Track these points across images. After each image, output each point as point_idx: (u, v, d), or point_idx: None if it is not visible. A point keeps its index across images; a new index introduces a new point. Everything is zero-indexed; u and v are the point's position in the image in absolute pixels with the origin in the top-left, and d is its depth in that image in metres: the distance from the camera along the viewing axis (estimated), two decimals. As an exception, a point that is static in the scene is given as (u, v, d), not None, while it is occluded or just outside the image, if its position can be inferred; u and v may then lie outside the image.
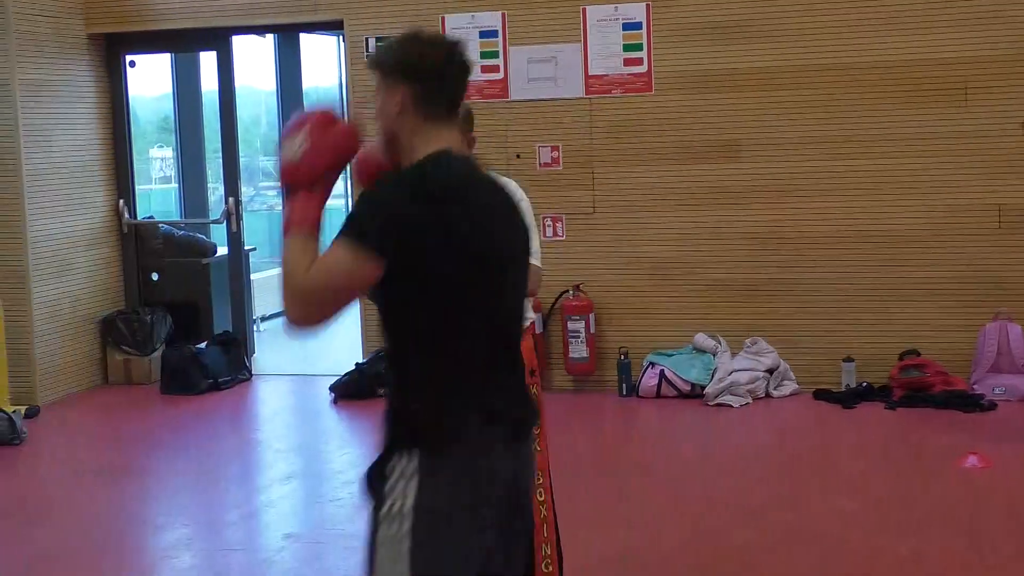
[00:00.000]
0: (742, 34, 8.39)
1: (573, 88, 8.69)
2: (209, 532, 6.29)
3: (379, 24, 8.94)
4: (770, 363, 8.31)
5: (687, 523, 5.93)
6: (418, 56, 2.98)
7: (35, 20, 8.94)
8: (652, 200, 8.61)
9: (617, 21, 8.57)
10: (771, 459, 7.14)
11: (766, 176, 8.44)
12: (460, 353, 2.82)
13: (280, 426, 8.67)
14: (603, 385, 8.70)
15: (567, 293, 8.67)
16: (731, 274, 8.53)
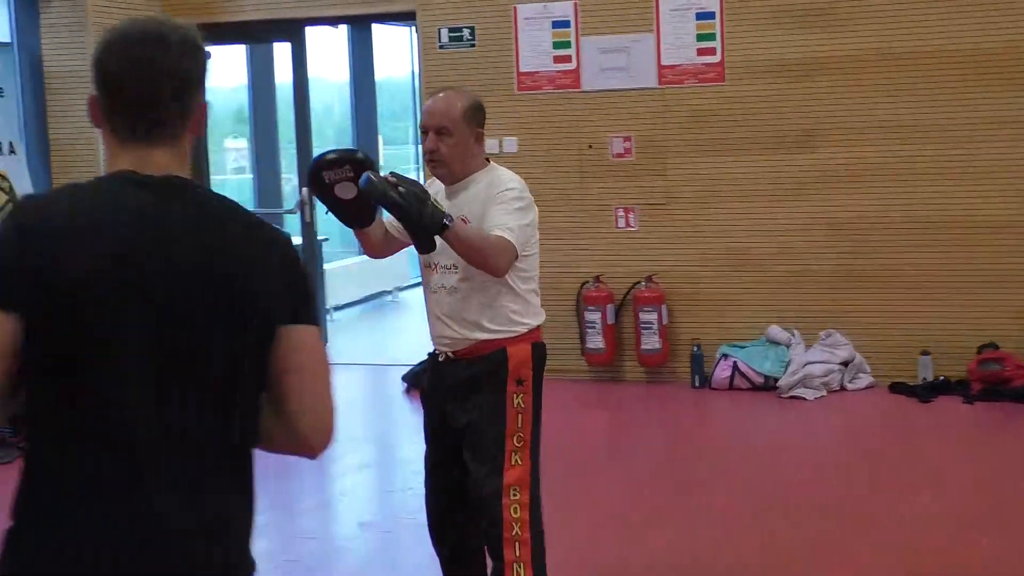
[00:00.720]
0: (817, 22, 8.30)
1: (646, 78, 8.64)
2: (284, 520, 6.34)
3: (452, 14, 8.95)
4: (845, 355, 8.23)
5: (761, 518, 5.89)
6: (96, 56, 2.26)
7: (112, 12, 9.04)
8: (726, 190, 8.55)
9: (690, 10, 8.52)
10: (846, 453, 7.06)
11: (842, 165, 8.34)
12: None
13: (353, 415, 8.71)
14: (675, 377, 8.66)
15: (639, 284, 8.63)
16: (806, 265, 8.45)
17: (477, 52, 8.94)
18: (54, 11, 8.85)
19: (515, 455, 4.01)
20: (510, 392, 4.02)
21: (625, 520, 5.94)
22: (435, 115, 4.05)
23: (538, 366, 4.11)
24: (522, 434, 4.02)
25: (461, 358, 4.09)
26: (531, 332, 4.12)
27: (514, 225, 3.94)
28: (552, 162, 8.82)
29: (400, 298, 12.82)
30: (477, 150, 4.11)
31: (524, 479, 4.02)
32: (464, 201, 4.06)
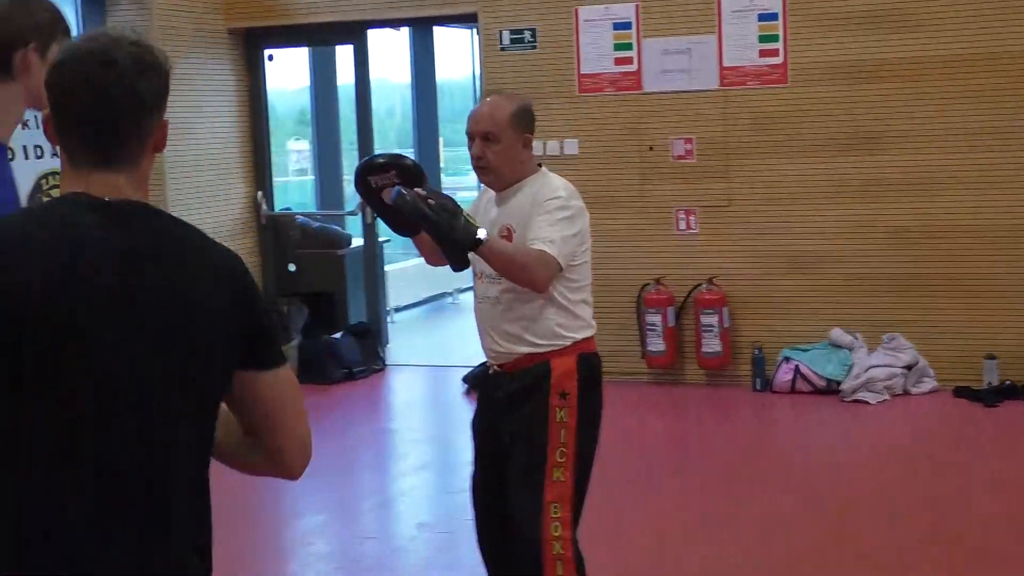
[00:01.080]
0: (882, 24, 8.22)
1: (707, 80, 8.60)
2: (344, 520, 6.37)
3: (513, 16, 8.96)
4: (908, 359, 8.14)
5: (823, 523, 5.84)
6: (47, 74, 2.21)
7: (177, 16, 9.14)
8: (788, 193, 8.49)
9: (753, 12, 8.46)
10: (910, 458, 6.99)
11: (906, 169, 8.26)
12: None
13: (413, 416, 8.74)
14: (736, 380, 8.61)
15: (700, 286, 8.59)
16: (869, 268, 8.37)
17: (538, 54, 8.94)
18: (120, 14, 8.95)
19: (557, 471, 3.88)
20: (553, 406, 3.89)
21: (688, 523, 5.92)
22: (481, 121, 3.96)
23: (586, 379, 3.95)
24: (565, 449, 3.88)
25: (506, 371, 4.01)
26: (578, 344, 3.97)
27: (557, 237, 3.81)
28: (613, 164, 8.80)
29: (460, 300, 12.84)
30: (525, 155, 4.00)
31: (566, 495, 3.88)
32: (513, 208, 3.97)
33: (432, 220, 3.65)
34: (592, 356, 4.01)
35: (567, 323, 3.94)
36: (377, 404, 9.07)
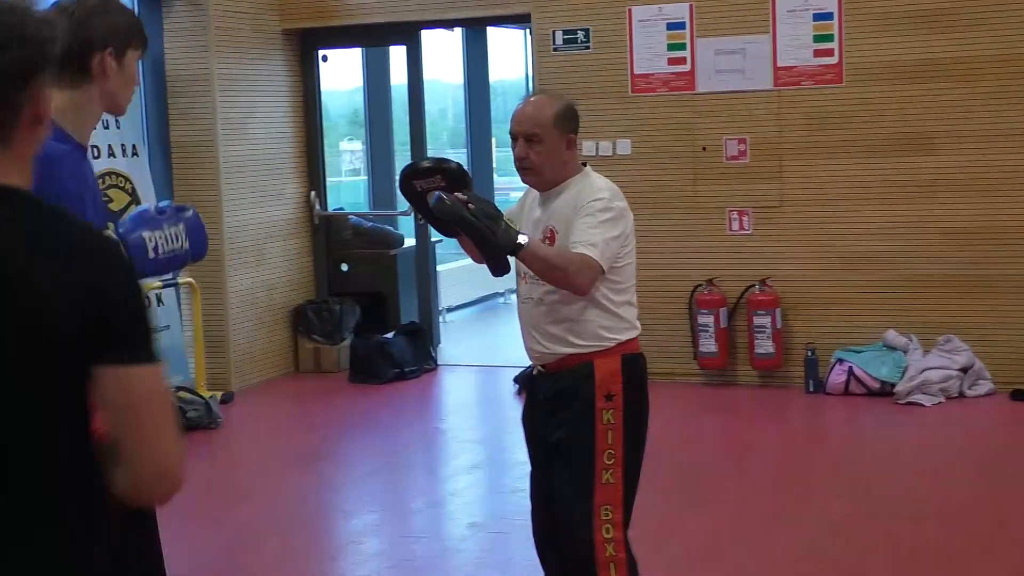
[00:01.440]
0: (939, 24, 8.15)
1: (761, 80, 8.56)
2: (395, 519, 6.39)
3: (566, 16, 8.95)
4: (964, 361, 8.06)
5: (880, 525, 5.80)
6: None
7: (233, 17, 9.20)
8: (842, 193, 8.43)
9: (808, 11, 8.41)
10: (966, 461, 6.93)
11: (962, 169, 8.18)
12: None
13: (464, 416, 8.76)
14: (789, 381, 8.56)
15: (753, 287, 8.55)
16: (924, 269, 8.30)
17: (591, 54, 8.93)
18: (177, 15, 9.03)
19: (606, 473, 3.84)
20: (599, 408, 3.85)
21: (742, 525, 5.89)
22: (524, 121, 3.92)
23: (631, 380, 3.90)
24: (613, 451, 3.84)
25: (550, 372, 3.97)
26: (622, 345, 3.91)
27: (598, 239, 3.76)
28: (666, 164, 8.78)
29: (512, 300, 12.84)
30: (569, 156, 3.95)
31: (616, 498, 3.85)
32: (556, 209, 3.93)
33: (472, 225, 3.64)
34: (637, 357, 3.96)
35: (611, 324, 3.90)
36: (428, 404, 9.09)
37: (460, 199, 3.69)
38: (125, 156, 8.55)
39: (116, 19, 2.98)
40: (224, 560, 5.73)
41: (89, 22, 2.94)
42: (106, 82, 2.96)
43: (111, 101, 3.01)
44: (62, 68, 2.70)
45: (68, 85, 2.91)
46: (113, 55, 2.95)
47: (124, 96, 3.04)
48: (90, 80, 2.95)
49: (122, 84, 3.01)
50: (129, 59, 3.00)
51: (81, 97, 2.95)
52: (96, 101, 2.99)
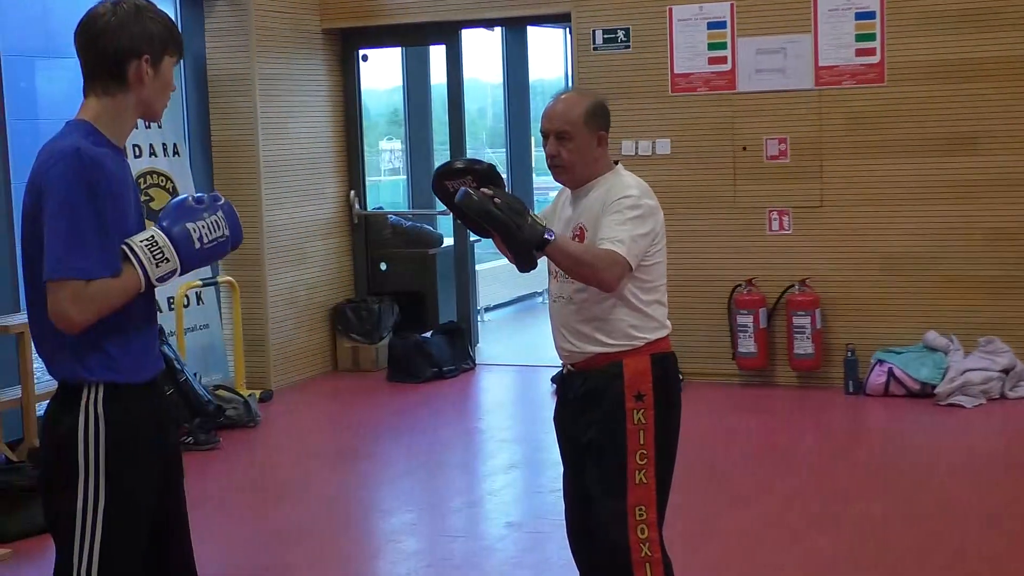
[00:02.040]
0: (981, 22, 8.09)
1: (802, 79, 8.52)
2: (433, 518, 6.41)
3: (607, 15, 8.94)
4: (1006, 363, 8.00)
5: (920, 526, 5.76)
6: None
7: (274, 17, 9.24)
8: (883, 193, 8.38)
9: (850, 10, 8.37)
10: (1008, 463, 6.87)
11: (1004, 169, 8.12)
12: None
13: (502, 416, 8.76)
14: (829, 382, 8.52)
15: (793, 288, 8.51)
16: (965, 270, 8.24)
17: (631, 53, 8.91)
18: (218, 15, 9.08)
19: (639, 473, 3.83)
20: (629, 408, 3.83)
21: (783, 525, 5.87)
22: (554, 119, 3.91)
23: (661, 379, 3.89)
24: (645, 451, 3.83)
25: (579, 371, 3.96)
26: (651, 344, 3.89)
27: (625, 236, 3.74)
28: (705, 164, 8.75)
29: (551, 299, 12.84)
30: (599, 153, 3.93)
31: (649, 498, 3.83)
32: (586, 206, 3.91)
33: (498, 219, 3.63)
34: (667, 356, 3.94)
35: (640, 323, 3.88)
36: (466, 403, 9.11)
37: (486, 194, 3.69)
38: (167, 155, 8.61)
39: (151, 27, 3.03)
40: (264, 558, 5.76)
41: (124, 30, 3.01)
42: (142, 89, 3.05)
43: (147, 107, 3.09)
44: (98, 76, 3.00)
45: (104, 92, 3.03)
46: (149, 62, 3.03)
47: (160, 102, 3.11)
48: (127, 87, 3.04)
49: (158, 91, 3.09)
50: (165, 66, 3.08)
51: (118, 104, 3.05)
52: (132, 107, 3.07)
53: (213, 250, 3.12)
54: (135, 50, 3.01)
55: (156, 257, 2.99)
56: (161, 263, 3.00)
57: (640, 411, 3.84)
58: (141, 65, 3.03)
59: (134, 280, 2.97)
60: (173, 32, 3.11)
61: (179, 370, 7.71)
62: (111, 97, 3.04)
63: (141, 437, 3.08)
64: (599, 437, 3.89)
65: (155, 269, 3.00)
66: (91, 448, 3.00)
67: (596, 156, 3.94)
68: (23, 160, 14.12)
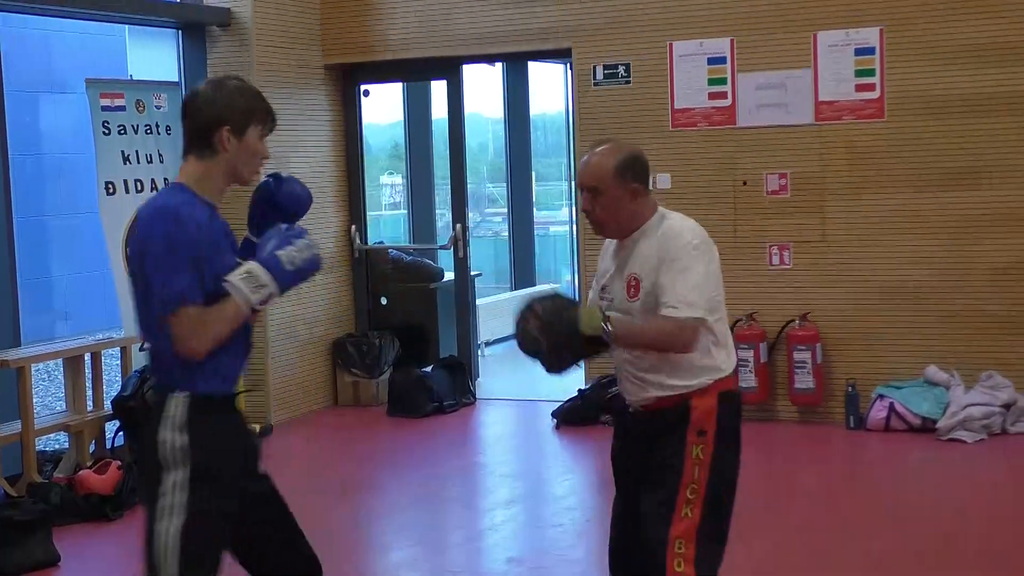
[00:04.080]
0: (979, 58, 8.12)
1: (803, 114, 8.55)
2: (434, 553, 6.38)
3: (607, 51, 8.98)
4: (1007, 398, 7.99)
5: (921, 563, 5.74)
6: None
7: (276, 52, 9.28)
8: (883, 228, 8.39)
9: (849, 46, 8.40)
10: (1011, 499, 6.85)
11: (1003, 205, 8.13)
12: None
13: (503, 450, 8.75)
14: (829, 417, 8.50)
15: (793, 322, 8.51)
16: (966, 305, 8.24)
17: (632, 89, 8.95)
18: (220, 50, 9.12)
19: (686, 507, 3.80)
20: (690, 443, 3.82)
21: (784, 563, 5.85)
22: (585, 174, 3.91)
23: (725, 417, 3.88)
24: (696, 486, 3.81)
25: (647, 411, 3.92)
26: (717, 383, 3.87)
27: (684, 293, 3.71)
28: (706, 199, 8.76)
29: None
30: (637, 206, 3.90)
31: (691, 533, 3.80)
32: (636, 256, 3.88)
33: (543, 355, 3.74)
34: (732, 394, 3.92)
35: (706, 363, 3.85)
36: (467, 438, 9.09)
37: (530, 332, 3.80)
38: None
39: (237, 101, 3.51)
40: (262, 593, 5.73)
41: (212, 104, 3.50)
42: (227, 156, 3.51)
43: (234, 172, 3.56)
44: (193, 143, 3.51)
45: (198, 158, 3.52)
46: (231, 132, 3.49)
47: (246, 168, 3.58)
48: (215, 154, 3.50)
49: (244, 157, 3.54)
50: (250, 135, 3.53)
51: (209, 168, 3.52)
52: (222, 172, 3.55)
53: (304, 269, 3.54)
54: (218, 121, 3.48)
55: (252, 285, 3.44)
56: (258, 289, 3.45)
57: (700, 447, 3.83)
58: (222, 134, 3.48)
59: (234, 307, 3.43)
60: (258, 104, 3.55)
61: (179, 404, 7.70)
62: (202, 162, 3.51)
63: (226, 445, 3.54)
64: (656, 468, 3.87)
65: (253, 296, 3.44)
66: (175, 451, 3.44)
67: (633, 210, 3.91)
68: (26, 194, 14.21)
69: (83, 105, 8.59)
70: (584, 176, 3.91)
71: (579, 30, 9.08)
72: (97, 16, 9.10)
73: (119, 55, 14.53)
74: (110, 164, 8.27)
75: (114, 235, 8.23)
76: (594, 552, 6.41)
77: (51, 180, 15.52)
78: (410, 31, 9.61)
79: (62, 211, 15.49)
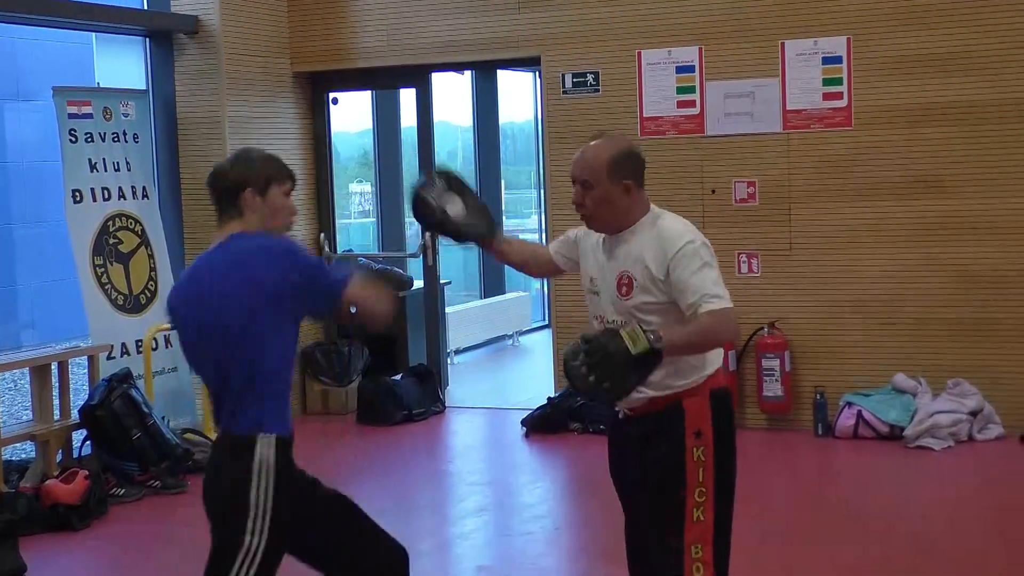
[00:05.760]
0: (946, 67, 8.17)
1: (770, 123, 8.58)
2: (403, 562, 6.35)
3: (576, 59, 8.99)
4: (974, 405, 8.04)
5: (889, 570, 5.76)
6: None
7: (244, 60, 9.26)
8: (851, 236, 8.43)
9: (817, 55, 8.45)
10: (978, 506, 6.89)
11: (970, 212, 8.19)
12: None
13: (472, 459, 8.74)
14: (798, 425, 8.53)
15: (762, 331, 8.54)
16: (933, 313, 8.29)
17: (601, 97, 8.97)
18: (188, 58, 9.09)
19: (696, 511, 3.77)
20: (689, 446, 3.78)
21: (752, 571, 5.85)
22: (578, 167, 3.87)
23: (719, 415, 3.86)
24: (703, 488, 3.77)
25: (637, 415, 3.88)
26: (708, 380, 3.88)
27: (710, 287, 3.80)
28: (674, 207, 8.63)
29: (520, 342, 12.85)
30: (629, 202, 3.89)
31: (706, 536, 3.78)
32: (630, 254, 3.86)
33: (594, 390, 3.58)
34: (722, 391, 3.92)
35: (695, 361, 3.85)
36: (436, 446, 9.07)
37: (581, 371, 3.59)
38: (136, 198, 8.59)
39: (252, 165, 3.88)
40: (231, 603, 5.70)
41: (233, 171, 3.87)
42: (253, 215, 3.83)
43: (261, 228, 3.84)
44: (225, 209, 3.83)
45: (231, 217, 3.83)
46: (254, 192, 3.82)
47: (272, 223, 3.86)
48: (243, 214, 3.82)
49: (269, 215, 3.86)
50: (273, 194, 3.87)
51: (243, 226, 3.81)
52: (252, 228, 3.82)
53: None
54: (240, 185, 3.82)
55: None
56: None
57: (700, 448, 3.79)
58: (246, 196, 3.81)
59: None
60: (272, 168, 3.92)
61: (147, 413, 7.66)
62: (238, 220, 3.82)
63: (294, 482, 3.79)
64: (658, 475, 3.82)
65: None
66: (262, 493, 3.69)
67: (625, 206, 3.89)
68: (-8, 201, 14.11)
69: (50, 113, 8.54)
70: (577, 169, 3.87)
71: (548, 38, 9.10)
72: (64, 24, 9.06)
73: (86, 63, 14.47)
74: (77, 172, 8.23)
75: (81, 243, 8.18)
76: (564, 560, 6.41)
77: (17, 189, 15.42)
78: (379, 39, 9.61)
79: (28, 219, 15.39)
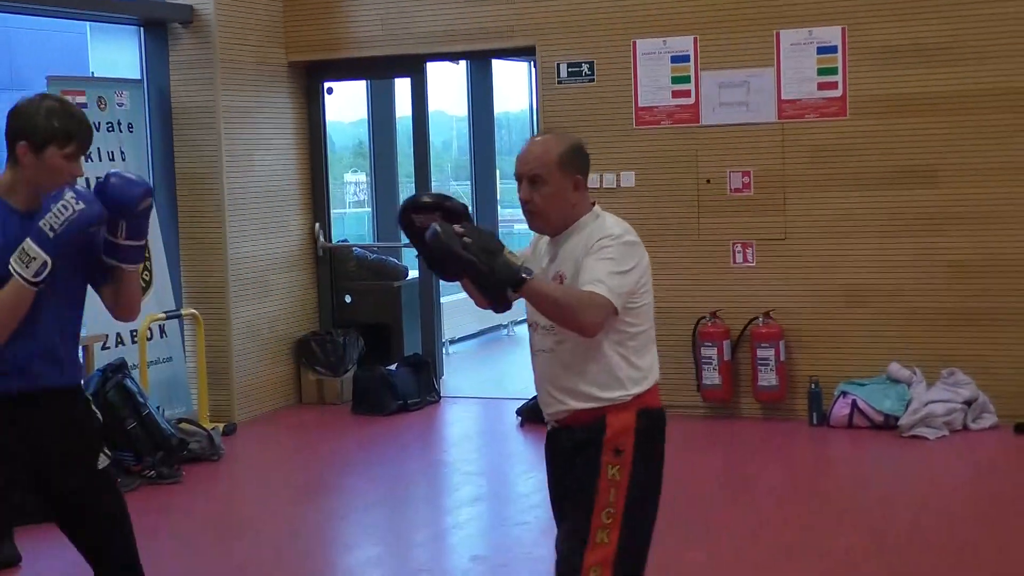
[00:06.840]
0: (942, 57, 8.17)
1: (765, 113, 8.58)
2: (397, 552, 6.38)
3: (571, 49, 8.99)
4: (968, 395, 8.05)
5: (883, 559, 5.78)
6: None
7: (239, 49, 9.24)
8: (846, 226, 8.44)
9: (811, 45, 8.45)
10: (972, 495, 6.90)
11: (965, 202, 8.19)
12: None
13: (467, 448, 8.74)
14: (793, 414, 8.55)
15: (757, 320, 8.55)
16: (927, 302, 8.30)
17: (596, 87, 8.96)
18: (183, 48, 9.07)
19: (601, 532, 3.58)
20: (604, 463, 3.61)
21: (747, 559, 5.87)
22: (528, 162, 3.69)
23: (644, 434, 3.68)
24: (613, 509, 3.59)
25: (564, 427, 3.74)
26: (639, 397, 3.69)
27: (604, 276, 3.53)
28: (670, 197, 8.79)
29: (515, 332, 12.85)
30: (576, 198, 3.71)
31: (608, 559, 3.57)
32: (566, 253, 3.71)
33: (465, 259, 3.43)
34: (653, 411, 3.74)
35: (626, 375, 3.67)
36: (431, 436, 9.08)
37: (457, 232, 3.48)
38: (130, 187, 8.55)
39: (36, 120, 3.66)
40: (226, 592, 5.71)
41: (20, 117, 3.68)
42: (24, 170, 3.69)
43: (33, 186, 3.71)
44: (9, 151, 3.66)
45: (8, 165, 3.72)
46: (28, 148, 3.65)
47: (45, 184, 3.69)
48: (17, 165, 3.69)
49: (43, 174, 3.68)
50: (49, 154, 3.66)
51: (15, 176, 3.72)
52: (23, 182, 3.71)
53: (69, 230, 3.61)
54: (16, 136, 3.66)
55: (24, 260, 3.61)
56: (30, 263, 3.60)
57: (615, 467, 3.63)
58: (19, 148, 3.65)
59: (15, 284, 3.61)
60: (60, 129, 3.65)
61: (142, 403, 7.66)
62: (10, 169, 3.71)
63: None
64: (572, 492, 3.69)
65: (26, 269, 3.60)
66: None
67: (573, 201, 3.71)
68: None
69: (44, 102, 8.50)
70: (526, 164, 3.70)
71: (543, 28, 9.09)
72: (59, 13, 9.04)
73: (81, 52, 14.43)
74: (71, 162, 8.20)
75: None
76: (558, 550, 6.42)
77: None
78: (374, 29, 9.59)
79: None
